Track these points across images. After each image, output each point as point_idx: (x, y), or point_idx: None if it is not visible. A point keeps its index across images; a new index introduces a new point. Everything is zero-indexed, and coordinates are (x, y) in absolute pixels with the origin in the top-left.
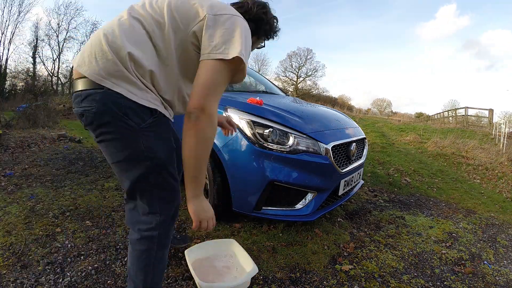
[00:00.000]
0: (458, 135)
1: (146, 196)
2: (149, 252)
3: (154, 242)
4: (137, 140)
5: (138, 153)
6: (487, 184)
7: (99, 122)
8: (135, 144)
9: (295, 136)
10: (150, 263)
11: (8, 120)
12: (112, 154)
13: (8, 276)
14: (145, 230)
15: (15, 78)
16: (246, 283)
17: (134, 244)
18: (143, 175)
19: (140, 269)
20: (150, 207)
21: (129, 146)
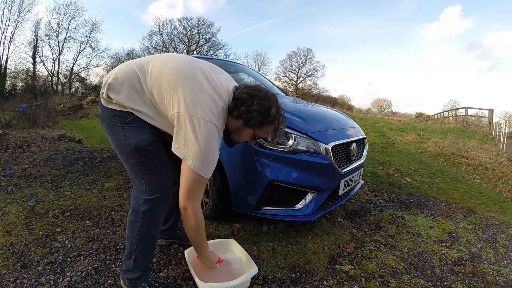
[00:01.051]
0: (458, 135)
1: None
2: (135, 224)
3: (139, 216)
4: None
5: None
6: (487, 184)
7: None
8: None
9: (295, 136)
10: (135, 234)
11: (8, 120)
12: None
13: (8, 276)
14: (134, 204)
15: (15, 78)
16: (246, 283)
17: (129, 214)
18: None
19: (128, 237)
20: (136, 185)
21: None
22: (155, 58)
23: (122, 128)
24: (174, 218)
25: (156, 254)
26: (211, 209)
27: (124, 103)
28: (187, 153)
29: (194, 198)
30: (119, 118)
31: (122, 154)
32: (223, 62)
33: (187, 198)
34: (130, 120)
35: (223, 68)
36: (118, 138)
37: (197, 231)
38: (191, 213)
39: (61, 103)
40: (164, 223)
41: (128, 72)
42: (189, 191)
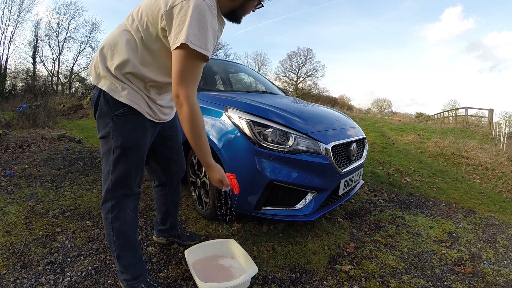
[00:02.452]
0: (458, 135)
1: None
2: (106, 221)
3: (108, 212)
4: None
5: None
6: (487, 184)
7: None
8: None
9: (295, 136)
10: (109, 232)
11: (8, 120)
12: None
13: (8, 276)
14: (102, 201)
15: (15, 78)
16: (246, 283)
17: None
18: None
19: (106, 236)
20: (104, 177)
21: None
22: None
23: (112, 120)
24: (172, 217)
25: (156, 254)
26: (211, 209)
27: (117, 65)
28: (179, 33)
29: (186, 83)
30: (111, 107)
31: (104, 146)
32: (223, 62)
33: (178, 83)
34: (122, 112)
35: (223, 68)
36: (105, 129)
37: (193, 124)
38: (183, 100)
39: (61, 103)
40: (162, 222)
41: (116, 33)
42: (180, 74)
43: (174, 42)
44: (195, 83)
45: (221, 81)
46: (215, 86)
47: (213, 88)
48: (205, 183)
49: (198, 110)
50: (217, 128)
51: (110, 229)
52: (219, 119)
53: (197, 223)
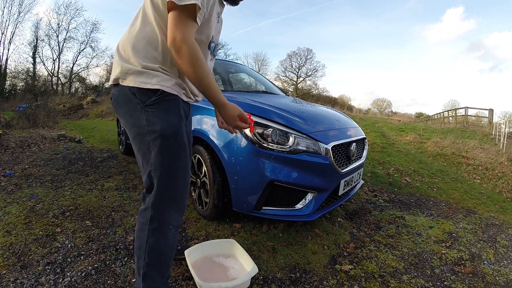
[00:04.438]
0: (458, 135)
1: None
2: (141, 233)
3: (145, 223)
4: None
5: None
6: (487, 184)
7: None
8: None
9: (295, 136)
10: (142, 246)
11: (8, 120)
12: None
13: (8, 276)
14: (141, 210)
15: (15, 78)
16: (246, 283)
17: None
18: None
19: (135, 250)
20: (146, 183)
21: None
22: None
23: (145, 111)
24: None
25: None
26: (211, 209)
27: (142, 56)
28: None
29: (184, 26)
30: (140, 98)
31: (140, 145)
32: (223, 62)
33: (174, 28)
34: (154, 100)
35: (223, 68)
36: (138, 124)
37: (197, 64)
38: (181, 41)
39: (61, 103)
40: None
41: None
42: (176, 21)
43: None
44: (193, 28)
45: (221, 81)
46: None
47: None
48: (205, 183)
49: (198, 49)
50: (217, 128)
51: (143, 243)
52: None
53: (197, 223)
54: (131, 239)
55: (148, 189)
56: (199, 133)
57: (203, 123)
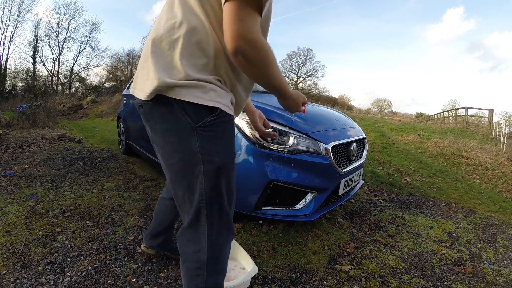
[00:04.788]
0: (458, 135)
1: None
2: (197, 278)
3: (202, 268)
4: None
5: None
6: (487, 184)
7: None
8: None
9: (295, 136)
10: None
11: (8, 120)
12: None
13: (8, 276)
14: (189, 252)
15: (15, 78)
16: (246, 283)
17: (181, 264)
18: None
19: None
20: (190, 220)
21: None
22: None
23: (197, 134)
24: (171, 230)
25: (156, 254)
26: None
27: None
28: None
29: (252, 20)
30: (191, 116)
31: (185, 173)
32: None
33: (239, 23)
34: (210, 121)
35: None
36: (186, 149)
37: (270, 67)
38: (251, 40)
39: (61, 103)
40: (159, 234)
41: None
42: (241, 14)
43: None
44: (258, 22)
45: None
46: None
47: None
48: None
49: (270, 47)
50: None
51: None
52: None
53: None
54: (131, 239)
55: (192, 225)
56: None
57: None
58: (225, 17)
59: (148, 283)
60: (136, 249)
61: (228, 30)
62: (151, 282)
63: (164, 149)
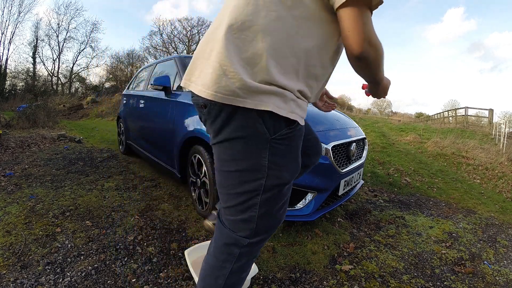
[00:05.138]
0: (458, 135)
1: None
2: (221, 270)
3: (230, 261)
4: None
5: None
6: (487, 184)
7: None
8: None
9: None
10: (219, 284)
11: (8, 120)
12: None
13: (8, 276)
14: (225, 245)
15: (15, 78)
16: (246, 283)
17: (209, 255)
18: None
19: (204, 285)
20: (238, 222)
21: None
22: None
23: (270, 147)
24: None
25: (156, 254)
26: (211, 209)
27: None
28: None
29: (371, 22)
30: (268, 126)
31: (242, 184)
32: None
33: (363, 26)
34: (286, 133)
35: None
36: (253, 160)
37: (382, 64)
38: (374, 44)
39: (61, 103)
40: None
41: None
42: (364, 17)
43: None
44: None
45: None
46: None
47: None
48: (205, 183)
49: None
50: None
51: (220, 282)
52: None
53: (197, 223)
54: (131, 239)
55: (237, 226)
56: (199, 133)
57: None
58: (346, 23)
59: (148, 283)
60: (136, 249)
61: (352, 35)
62: (151, 282)
63: (226, 154)
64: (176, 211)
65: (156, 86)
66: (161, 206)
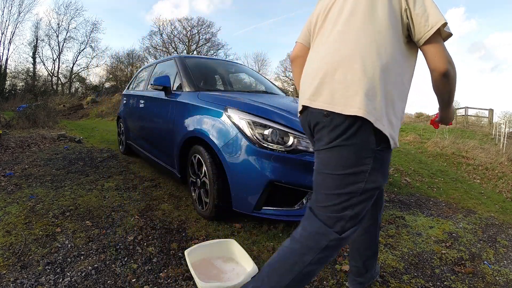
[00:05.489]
0: (458, 135)
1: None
2: (301, 258)
3: (315, 251)
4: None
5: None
6: (487, 184)
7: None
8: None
9: (295, 136)
10: (294, 270)
11: (8, 120)
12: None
13: (8, 276)
14: (313, 234)
15: (15, 78)
16: None
17: (293, 240)
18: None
19: (276, 268)
20: (331, 214)
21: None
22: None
23: (374, 157)
24: (373, 261)
25: (156, 254)
26: (211, 209)
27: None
28: (427, 18)
29: (449, 54)
30: (377, 139)
31: (341, 186)
32: (223, 62)
33: (444, 53)
34: (384, 146)
35: (223, 68)
36: (357, 167)
37: (455, 84)
38: (453, 66)
39: (61, 103)
40: (361, 272)
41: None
42: (443, 46)
43: (427, 25)
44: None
45: (221, 81)
46: (215, 86)
47: (213, 88)
48: (205, 183)
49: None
50: (217, 128)
51: (296, 269)
52: (219, 119)
53: (197, 223)
54: (131, 239)
55: (332, 226)
56: (199, 133)
57: (203, 123)
58: (432, 51)
59: (148, 283)
60: (136, 249)
61: (439, 60)
62: (151, 282)
63: (336, 159)
64: (176, 211)
65: (156, 86)
66: (161, 206)
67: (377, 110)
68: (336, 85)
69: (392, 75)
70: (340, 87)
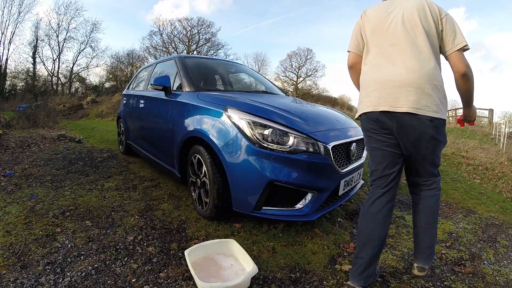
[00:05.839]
0: (458, 135)
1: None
2: (436, 215)
3: (438, 206)
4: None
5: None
6: (487, 184)
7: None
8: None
9: (295, 136)
10: (435, 224)
11: (8, 120)
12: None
13: (8, 276)
14: (436, 193)
15: (15, 78)
16: (246, 283)
17: (437, 196)
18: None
19: (435, 221)
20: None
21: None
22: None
23: (442, 140)
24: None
25: (156, 254)
26: (211, 209)
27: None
28: (456, 37)
29: (467, 60)
30: (443, 128)
31: (437, 156)
32: (223, 62)
33: (465, 60)
34: (444, 123)
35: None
36: (446, 139)
37: (474, 82)
38: (471, 69)
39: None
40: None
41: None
42: (464, 56)
43: (457, 43)
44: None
45: (221, 81)
46: (215, 86)
47: (213, 88)
48: (205, 183)
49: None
50: (217, 128)
51: (435, 223)
52: (219, 119)
53: (197, 223)
54: (131, 239)
55: (433, 175)
56: (199, 133)
57: (203, 123)
58: (456, 58)
59: (148, 283)
60: (136, 249)
61: (460, 65)
62: (151, 282)
63: (437, 147)
64: (176, 211)
65: (156, 86)
66: (161, 206)
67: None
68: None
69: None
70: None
